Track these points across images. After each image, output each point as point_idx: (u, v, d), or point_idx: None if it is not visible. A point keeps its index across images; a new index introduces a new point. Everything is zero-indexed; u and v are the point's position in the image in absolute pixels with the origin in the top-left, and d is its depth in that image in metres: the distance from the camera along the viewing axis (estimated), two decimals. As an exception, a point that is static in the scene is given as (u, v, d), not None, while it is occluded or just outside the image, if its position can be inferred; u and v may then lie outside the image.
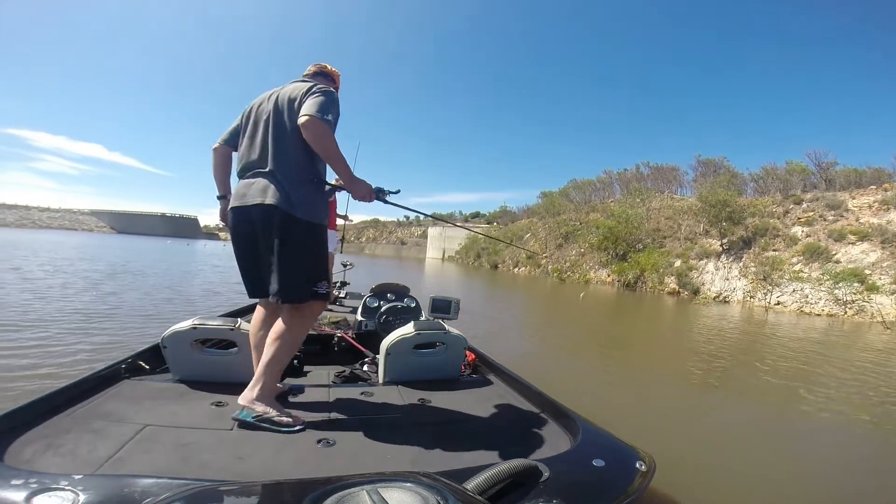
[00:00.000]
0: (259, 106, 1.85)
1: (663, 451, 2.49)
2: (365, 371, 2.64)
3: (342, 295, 5.13)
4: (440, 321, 2.51)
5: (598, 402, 3.67)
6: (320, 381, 2.37)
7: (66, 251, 19.12)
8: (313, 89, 1.75)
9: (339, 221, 5.11)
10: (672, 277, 19.51)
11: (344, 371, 2.61)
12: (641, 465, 1.41)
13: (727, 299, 16.95)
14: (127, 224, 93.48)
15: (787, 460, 2.87)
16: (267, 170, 1.74)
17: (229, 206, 1.85)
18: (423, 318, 3.10)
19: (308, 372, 2.54)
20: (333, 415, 1.82)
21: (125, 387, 1.93)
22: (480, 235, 42.89)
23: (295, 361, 2.54)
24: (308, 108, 1.66)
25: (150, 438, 1.46)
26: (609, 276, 23.28)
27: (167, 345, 2.02)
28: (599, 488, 1.33)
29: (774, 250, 17.65)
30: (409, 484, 0.82)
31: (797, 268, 16.07)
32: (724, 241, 19.64)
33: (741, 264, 18.04)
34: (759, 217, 19.73)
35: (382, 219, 76.55)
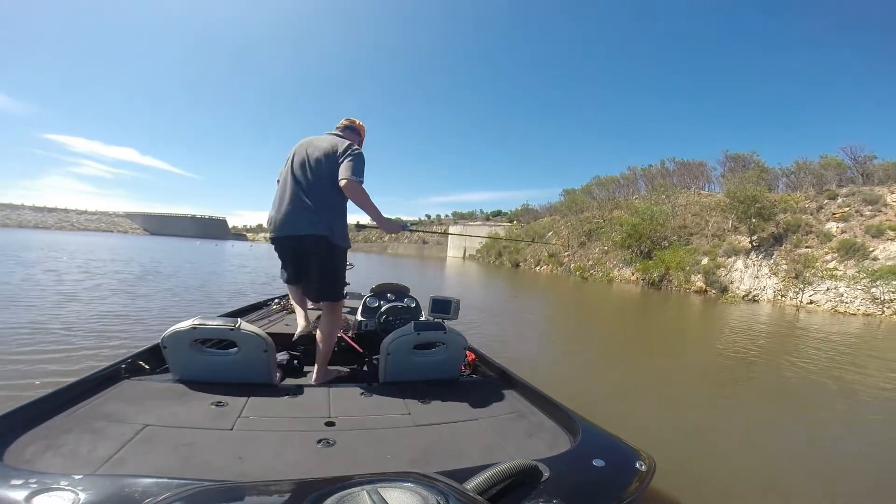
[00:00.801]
0: (303, 151, 2.33)
1: (685, 462, 2.51)
2: (365, 371, 2.65)
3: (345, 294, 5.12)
4: (440, 321, 2.51)
5: (615, 407, 3.53)
6: (320, 382, 2.37)
7: (101, 252, 19.99)
8: (349, 152, 2.25)
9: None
10: (699, 275, 19.07)
11: (344, 371, 2.61)
12: (641, 465, 1.41)
13: (756, 298, 16.48)
14: (159, 226, 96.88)
15: (814, 474, 2.73)
16: (313, 207, 2.25)
17: (280, 232, 2.32)
18: (423, 318, 3.10)
19: (308, 372, 2.53)
20: (333, 415, 1.81)
21: (125, 387, 1.92)
22: (495, 238, 42.71)
23: (295, 361, 2.59)
24: (346, 171, 2.19)
25: (150, 438, 1.46)
26: (633, 274, 22.91)
27: (167, 345, 2.01)
28: (599, 488, 1.33)
29: (807, 247, 17.05)
30: (409, 484, 0.82)
31: (831, 265, 15.50)
32: (754, 237, 19.07)
33: (772, 261, 17.50)
34: (791, 213, 19.10)
35: (404, 218, 77.25)
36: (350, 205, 2.37)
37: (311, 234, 2.27)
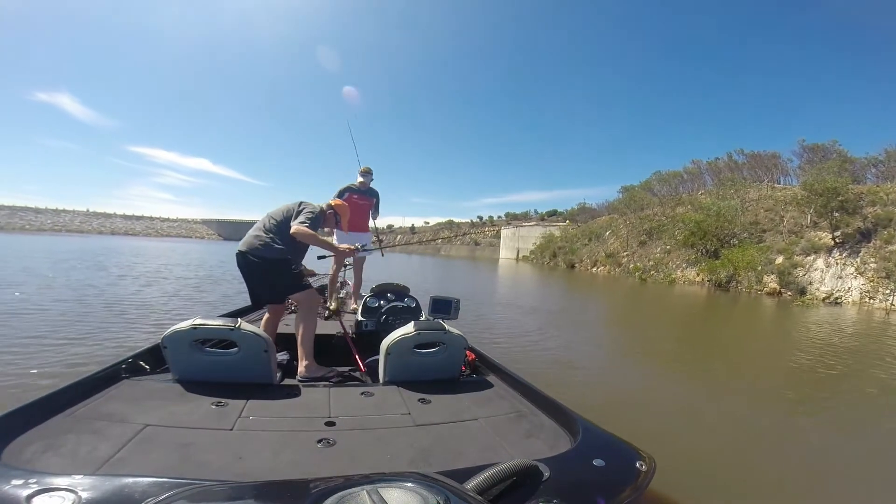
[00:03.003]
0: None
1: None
2: (365, 371, 2.64)
3: (342, 294, 5.05)
4: (440, 321, 2.49)
5: (667, 428, 3.19)
6: (320, 382, 2.38)
7: (175, 257, 21.88)
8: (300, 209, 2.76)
9: (371, 223, 5.06)
10: (772, 276, 17.69)
11: (344, 371, 2.61)
12: (641, 465, 1.41)
13: (839, 300, 15.05)
14: (232, 231, 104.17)
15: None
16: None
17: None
18: (423, 318, 3.09)
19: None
20: (333, 415, 1.81)
21: (125, 387, 1.92)
22: (481, 232, 41.77)
23: (294, 362, 2.60)
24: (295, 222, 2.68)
25: (150, 438, 1.46)
26: (698, 274, 21.63)
27: (167, 345, 2.01)
28: (599, 488, 1.33)
29: (901, 243, 15.33)
30: (409, 484, 0.82)
31: (931, 263, 13.83)
32: (837, 233, 17.40)
33: (858, 260, 15.89)
34: (882, 206, 17.22)
35: (456, 220, 77.76)
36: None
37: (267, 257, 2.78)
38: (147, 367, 2.25)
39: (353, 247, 2.96)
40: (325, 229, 3.08)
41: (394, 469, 1.38)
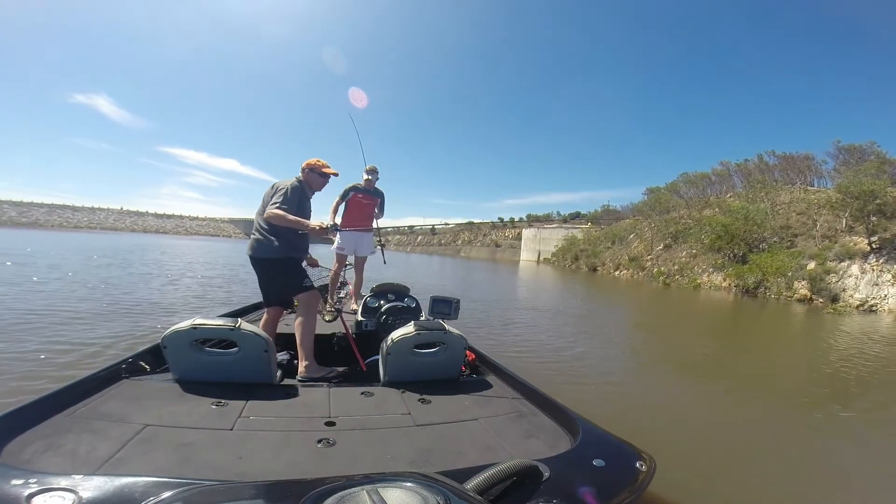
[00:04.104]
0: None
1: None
2: (365, 371, 2.64)
3: (342, 294, 4.99)
4: (440, 321, 2.49)
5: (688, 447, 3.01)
6: (320, 382, 2.38)
7: (201, 255, 22.52)
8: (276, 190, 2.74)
9: (374, 223, 4.90)
10: (803, 282, 17.04)
11: (344, 371, 2.60)
12: (641, 465, 1.42)
13: (874, 308, 14.40)
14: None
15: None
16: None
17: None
18: (423, 318, 3.08)
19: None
20: (333, 415, 1.80)
21: (125, 387, 1.92)
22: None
23: (295, 362, 2.61)
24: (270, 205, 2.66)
25: (150, 438, 1.46)
26: (725, 280, 21.00)
27: (167, 345, 2.00)
28: (599, 488, 1.33)
29: (944, 250, 14.57)
30: (409, 484, 0.82)
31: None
32: (874, 238, 16.66)
33: (896, 267, 15.19)
34: (924, 210, 16.41)
35: (476, 221, 77.31)
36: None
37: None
38: (147, 367, 2.25)
39: (322, 224, 2.78)
40: (315, 192, 2.99)
41: (394, 469, 1.38)
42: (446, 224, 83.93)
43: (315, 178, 2.95)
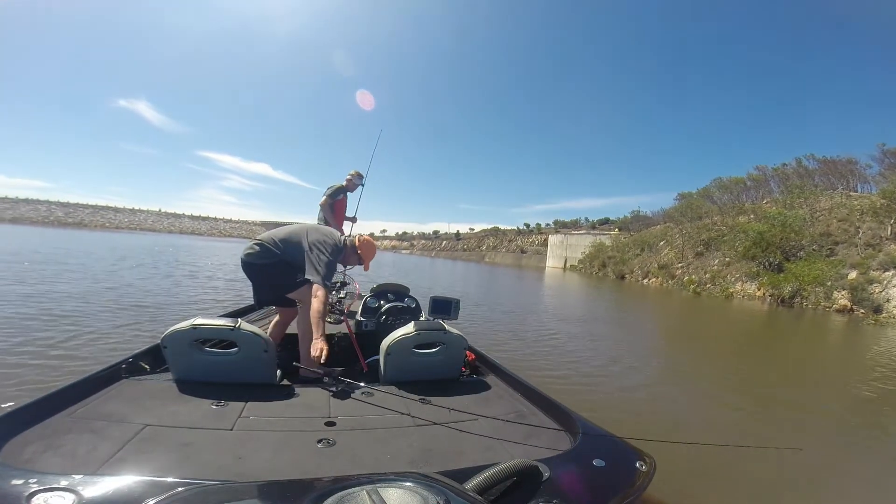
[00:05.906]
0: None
1: None
2: (365, 371, 2.63)
3: (342, 295, 5.00)
4: (440, 321, 2.49)
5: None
6: (320, 382, 2.36)
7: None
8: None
9: (346, 225, 5.18)
10: (843, 291, 16.32)
11: (344, 371, 2.60)
12: (641, 465, 1.41)
13: (923, 320, 13.64)
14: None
15: None
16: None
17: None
18: (423, 319, 3.07)
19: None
20: (333, 415, 1.79)
21: (125, 387, 1.91)
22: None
23: (294, 362, 2.58)
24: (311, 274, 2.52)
25: (150, 438, 1.45)
26: (759, 289, 20.28)
27: (167, 345, 1.99)
28: (599, 488, 1.34)
29: None
30: (409, 484, 0.82)
31: None
32: (922, 247, 15.81)
33: (947, 277, 14.36)
34: (977, 217, 15.47)
35: (502, 227, 76.89)
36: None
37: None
38: (147, 366, 2.25)
39: (319, 372, 2.26)
40: (348, 267, 2.75)
41: (394, 469, 1.38)
42: (471, 230, 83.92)
43: (353, 257, 2.82)
